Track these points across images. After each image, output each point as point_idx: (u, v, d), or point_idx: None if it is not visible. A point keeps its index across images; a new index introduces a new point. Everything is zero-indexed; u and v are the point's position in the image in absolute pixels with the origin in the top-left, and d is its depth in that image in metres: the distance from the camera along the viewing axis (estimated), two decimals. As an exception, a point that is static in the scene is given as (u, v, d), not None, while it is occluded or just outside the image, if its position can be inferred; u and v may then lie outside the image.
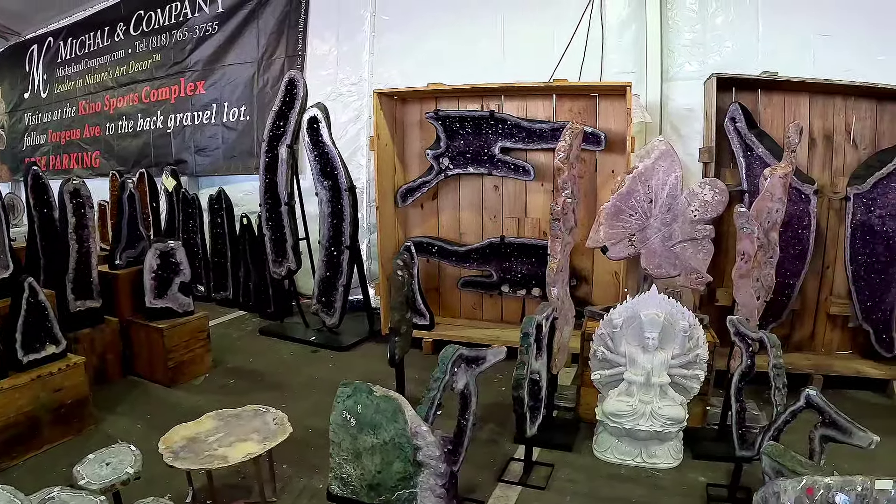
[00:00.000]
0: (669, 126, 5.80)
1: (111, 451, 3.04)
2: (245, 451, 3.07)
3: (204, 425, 3.34)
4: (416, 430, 2.86)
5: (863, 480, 2.22)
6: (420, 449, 2.86)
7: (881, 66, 5.51)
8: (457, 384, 3.10)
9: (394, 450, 2.88)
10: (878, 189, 5.08)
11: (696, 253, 4.30)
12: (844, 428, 2.90)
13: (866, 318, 5.26)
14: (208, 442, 3.16)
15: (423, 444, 2.86)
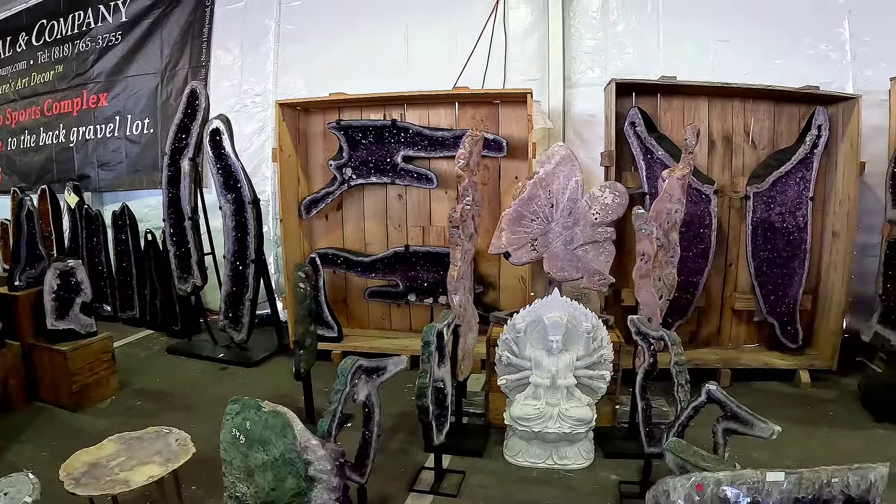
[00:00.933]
0: (572, 131, 5.93)
1: (9, 480, 2.94)
2: (147, 474, 3.01)
3: (106, 450, 3.26)
4: (305, 444, 2.84)
5: (753, 473, 2.28)
6: (311, 463, 2.83)
7: (778, 69, 5.78)
8: (358, 395, 3.11)
9: (285, 466, 2.85)
10: (776, 187, 5.30)
11: (597, 255, 4.39)
12: (746, 420, 2.98)
13: (770, 311, 5.48)
14: (110, 466, 3.08)
15: (313, 459, 2.84)
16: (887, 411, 4.75)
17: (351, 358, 3.10)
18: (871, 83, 5.97)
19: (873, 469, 2.28)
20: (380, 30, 6.42)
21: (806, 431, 4.54)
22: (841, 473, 2.28)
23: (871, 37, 6.09)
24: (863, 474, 2.28)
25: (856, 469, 2.28)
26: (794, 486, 2.26)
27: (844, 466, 2.29)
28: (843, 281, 5.37)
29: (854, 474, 2.27)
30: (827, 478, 2.27)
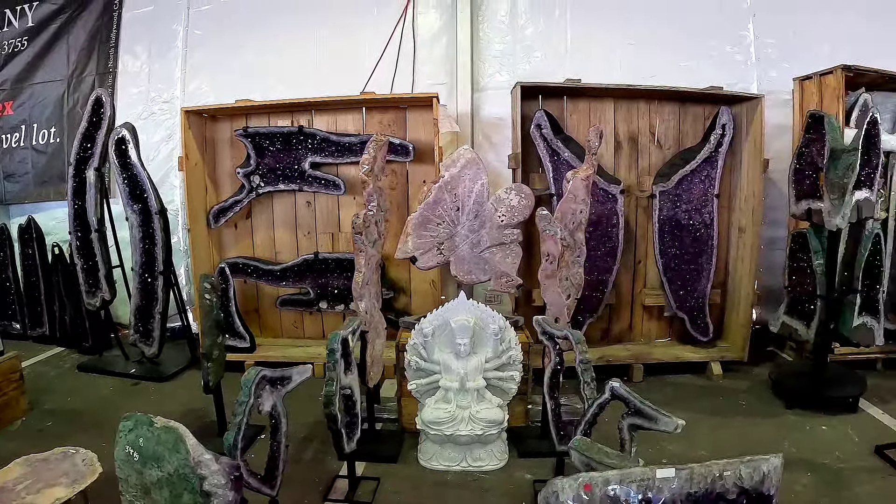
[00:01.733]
0: (481, 135, 6.04)
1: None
2: (53, 496, 2.96)
3: (11, 473, 3.20)
4: (198, 459, 2.82)
5: (643, 471, 2.33)
6: (206, 478, 2.82)
7: (684, 71, 6.02)
8: (263, 406, 3.09)
9: (180, 481, 2.83)
10: (682, 185, 5.48)
11: (504, 257, 4.44)
12: (650, 415, 3.04)
13: (680, 306, 5.67)
14: (16, 490, 3.02)
15: (207, 474, 2.82)
16: (797, 398, 4.97)
17: (254, 369, 3.08)
18: (774, 83, 6.25)
19: (765, 461, 2.36)
20: (289, 35, 6.39)
21: (719, 422, 4.71)
22: (733, 466, 2.34)
23: (775, 38, 6.39)
24: (755, 466, 2.35)
25: (748, 462, 2.35)
26: (685, 481, 2.31)
27: (736, 459, 2.36)
28: (751, 274, 5.57)
29: (746, 467, 2.34)
30: (719, 471, 2.33)
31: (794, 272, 5.21)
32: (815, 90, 5.68)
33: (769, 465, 2.36)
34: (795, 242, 5.18)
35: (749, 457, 2.37)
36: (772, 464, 2.37)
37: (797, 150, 4.98)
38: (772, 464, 2.37)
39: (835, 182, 4.61)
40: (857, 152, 4.54)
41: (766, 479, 2.35)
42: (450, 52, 6.13)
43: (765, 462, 2.36)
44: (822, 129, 4.72)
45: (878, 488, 3.85)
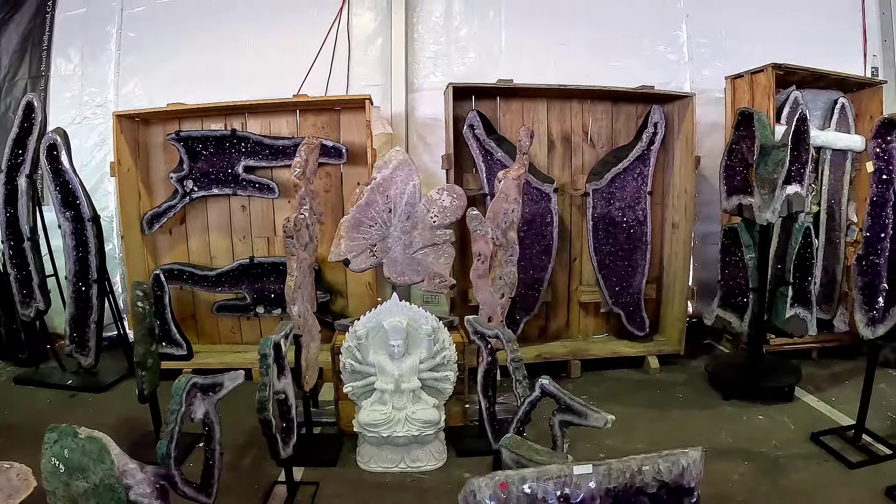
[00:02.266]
0: (416, 136, 6.08)
1: None
2: None
3: None
4: (123, 468, 2.82)
5: (559, 468, 2.33)
6: (131, 488, 2.83)
7: (618, 71, 6.15)
8: (195, 414, 3.07)
9: (106, 492, 2.82)
10: (615, 183, 5.60)
11: (437, 258, 4.48)
12: (579, 411, 3.10)
13: (616, 302, 5.80)
14: None
15: (133, 483, 2.82)
16: (734, 389, 5.12)
17: (185, 376, 3.06)
18: (707, 82, 6.43)
19: (685, 454, 2.39)
20: (224, 37, 6.34)
21: (656, 415, 4.83)
22: (651, 461, 2.37)
23: (708, 38, 6.58)
24: (674, 460, 2.37)
25: (666, 455, 2.38)
26: (603, 476, 2.33)
27: (654, 454, 2.39)
28: (685, 269, 5.73)
29: (665, 461, 2.37)
30: (637, 466, 2.35)
31: (727, 266, 5.35)
32: (747, 88, 5.82)
33: (688, 459, 2.39)
34: (727, 237, 5.31)
35: (667, 451, 2.40)
36: (690, 457, 2.40)
37: (728, 146, 5.12)
38: (690, 457, 2.40)
39: (765, 177, 4.74)
40: (786, 148, 4.66)
41: (686, 472, 2.38)
42: (385, 53, 6.17)
43: (683, 455, 2.39)
44: (751, 125, 4.84)
45: (813, 474, 3.98)
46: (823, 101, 6.10)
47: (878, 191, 3.99)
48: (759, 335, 5.30)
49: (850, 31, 7.36)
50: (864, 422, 4.39)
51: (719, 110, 6.19)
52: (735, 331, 5.55)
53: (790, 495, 3.74)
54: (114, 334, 6.01)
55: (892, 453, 4.23)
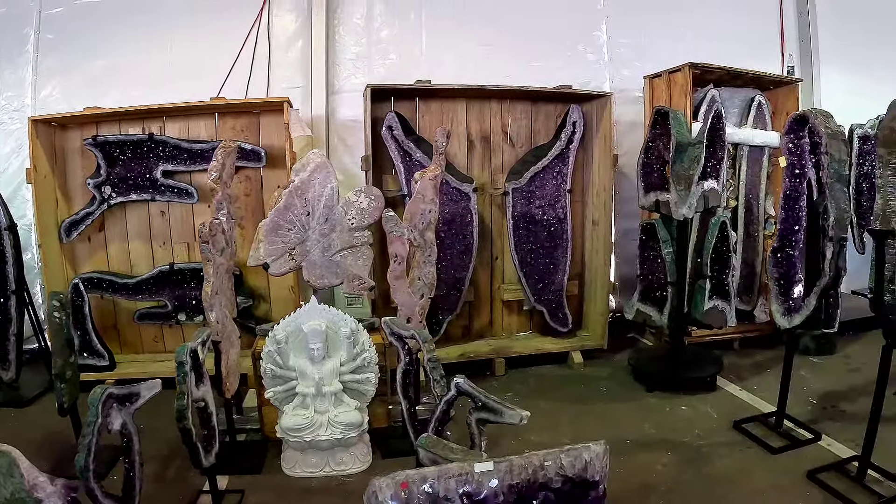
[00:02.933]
0: (337, 137, 6.11)
1: None
2: None
3: None
4: (33, 482, 2.79)
5: (460, 466, 2.36)
6: (42, 501, 2.82)
7: (538, 71, 6.26)
8: (112, 426, 3.06)
9: (17, 506, 2.84)
10: (535, 182, 5.71)
11: (356, 260, 4.50)
12: (495, 409, 3.15)
13: (538, 299, 5.91)
14: None
15: (43, 497, 2.78)
16: (657, 381, 5.28)
17: (100, 387, 3.05)
18: (627, 82, 6.62)
19: (587, 448, 2.45)
20: (144, 38, 6.26)
21: (581, 409, 4.95)
22: (553, 456, 2.42)
23: (628, 38, 6.77)
24: (577, 455, 2.43)
25: (568, 450, 2.44)
26: (505, 473, 2.36)
27: (557, 449, 2.44)
28: (605, 265, 5.89)
29: (567, 455, 2.43)
30: (540, 461, 2.40)
31: (645, 261, 5.52)
32: (665, 87, 6.00)
33: (590, 453, 2.44)
34: (645, 233, 5.48)
35: (570, 445, 2.46)
36: (593, 451, 2.45)
37: (644, 144, 5.27)
38: (593, 451, 2.45)
39: (681, 174, 4.88)
40: (702, 145, 4.83)
41: (590, 466, 2.43)
42: (305, 54, 6.18)
43: (586, 450, 2.44)
44: (668, 123, 5.01)
45: (736, 461, 4.13)
46: (741, 99, 6.32)
47: (790, 185, 4.16)
48: (679, 327, 5.45)
49: (769, 32, 7.66)
50: (785, 408, 4.57)
51: (638, 109, 6.37)
52: (655, 324, 5.71)
53: (713, 483, 3.87)
54: (35, 347, 5.92)
55: (812, 437, 4.41)
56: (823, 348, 6.33)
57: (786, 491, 3.78)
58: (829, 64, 7.92)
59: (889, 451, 4.15)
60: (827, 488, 3.77)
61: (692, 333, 6.04)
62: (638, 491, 3.74)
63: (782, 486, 3.84)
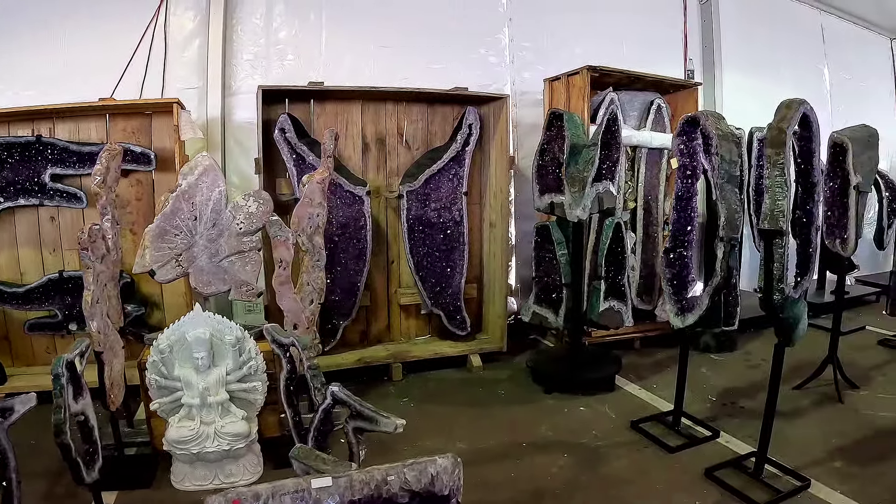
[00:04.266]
0: (233, 140, 6.09)
1: None
2: None
3: None
4: None
5: (296, 483, 2.33)
6: None
7: (439, 73, 6.39)
8: None
9: None
10: (430, 184, 5.84)
11: (244, 265, 4.53)
12: (370, 417, 3.17)
13: (435, 303, 6.02)
14: None
15: None
16: (555, 383, 5.44)
17: None
18: (528, 84, 6.80)
19: (433, 462, 2.43)
20: (35, 36, 6.11)
21: (478, 412, 5.05)
22: (396, 470, 2.40)
23: (530, 42, 6.95)
24: (421, 469, 2.41)
25: (412, 464, 2.41)
26: (345, 489, 2.34)
27: (399, 463, 2.42)
28: (503, 268, 6.04)
29: (411, 470, 2.40)
30: (382, 476, 2.37)
31: (541, 263, 5.70)
32: (563, 90, 6.20)
33: (436, 467, 2.43)
34: (539, 235, 5.66)
35: (413, 459, 2.44)
36: (440, 465, 2.43)
37: (540, 146, 5.44)
38: (440, 465, 2.43)
39: (575, 176, 5.04)
40: (596, 147, 5.00)
41: (437, 480, 2.42)
42: (203, 54, 6.16)
43: (432, 464, 2.43)
44: (563, 125, 5.17)
45: (633, 461, 4.29)
46: (640, 102, 6.55)
47: (682, 185, 4.34)
48: (576, 329, 5.62)
49: (673, 36, 7.93)
50: (682, 406, 4.75)
51: (540, 112, 6.55)
52: (550, 326, 5.86)
53: (609, 484, 4.00)
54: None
55: (710, 435, 4.61)
56: (724, 346, 6.62)
57: (682, 489, 3.94)
58: (732, 68, 8.29)
59: (787, 446, 4.39)
60: (724, 485, 3.93)
61: (592, 334, 6.24)
62: (532, 494, 3.85)
63: (679, 484, 3.99)
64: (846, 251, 5.14)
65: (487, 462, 4.20)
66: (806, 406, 5.23)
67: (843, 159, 5.04)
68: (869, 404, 5.27)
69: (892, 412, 5.10)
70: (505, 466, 4.15)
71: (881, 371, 6.17)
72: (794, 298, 3.84)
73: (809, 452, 4.39)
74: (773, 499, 3.79)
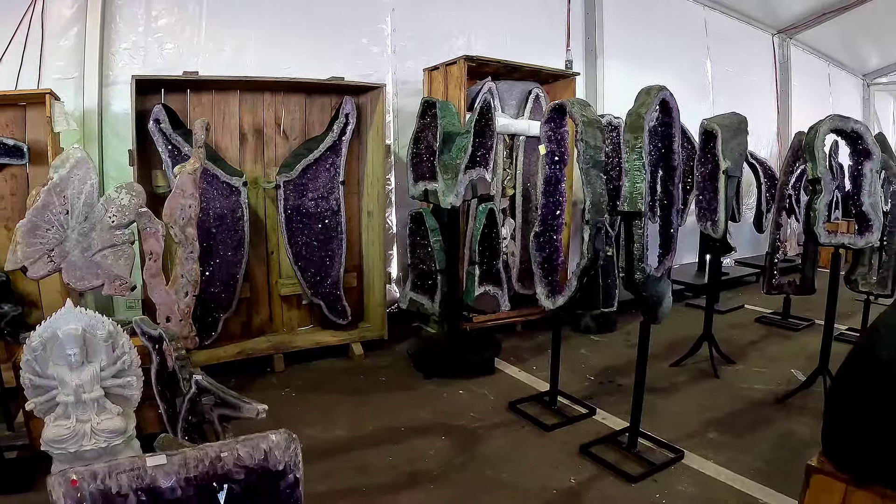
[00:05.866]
0: (110, 131, 6.05)
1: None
2: None
3: None
4: None
5: (132, 461, 2.38)
6: None
7: (319, 63, 6.51)
8: None
9: None
10: (307, 174, 5.96)
11: (117, 259, 4.56)
12: (234, 404, 3.31)
13: (315, 293, 6.16)
14: None
15: None
16: (435, 368, 5.66)
17: None
18: (409, 74, 7.01)
19: (265, 438, 2.51)
20: None
21: (359, 400, 5.21)
22: (229, 447, 2.47)
23: (413, 32, 7.15)
24: (254, 445, 2.49)
25: (244, 441, 2.50)
26: (180, 466, 2.40)
27: (233, 440, 2.51)
28: (381, 256, 6.24)
29: (244, 446, 2.48)
30: (216, 453, 2.44)
31: (416, 250, 5.94)
32: (442, 79, 6.42)
33: (269, 443, 2.51)
34: (414, 222, 5.91)
35: (245, 436, 2.52)
36: (272, 440, 2.52)
37: (414, 134, 5.64)
38: (272, 440, 2.52)
39: (448, 163, 5.27)
40: (469, 135, 5.22)
41: (270, 455, 2.50)
42: (80, 43, 6.10)
43: (263, 440, 2.51)
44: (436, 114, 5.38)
45: (510, 441, 4.52)
46: (519, 92, 6.83)
47: (550, 171, 4.62)
48: (453, 314, 5.86)
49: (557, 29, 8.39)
50: (557, 386, 5.02)
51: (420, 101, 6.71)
52: (428, 312, 6.09)
53: (485, 463, 4.20)
54: None
55: (587, 413, 4.89)
56: (603, 327, 7.03)
57: (558, 466, 4.18)
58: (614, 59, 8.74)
59: (662, 421, 4.73)
60: (598, 460, 4.20)
61: (474, 319, 6.49)
62: (409, 477, 4.02)
63: (555, 461, 4.23)
64: (717, 233, 5.52)
65: (366, 447, 4.36)
66: (683, 382, 5.61)
67: (713, 145, 5.41)
68: (744, 378, 5.69)
69: (765, 385, 5.52)
70: (383, 451, 4.33)
71: (756, 347, 6.68)
72: (657, 277, 4.06)
73: (684, 426, 4.72)
74: (646, 471, 4.06)
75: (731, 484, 3.96)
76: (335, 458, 4.22)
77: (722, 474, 4.07)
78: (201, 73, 5.69)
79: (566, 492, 3.87)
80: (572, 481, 3.98)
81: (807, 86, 13.12)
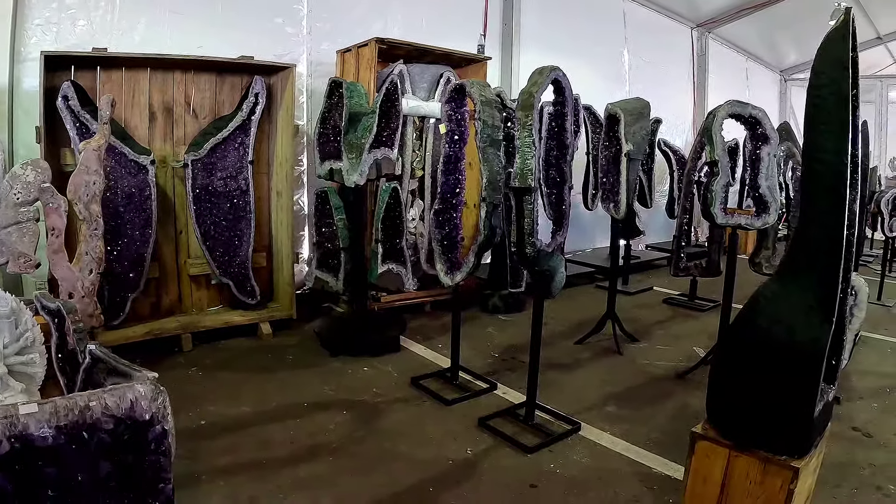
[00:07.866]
0: (21, 109, 5.94)
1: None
2: None
3: None
4: None
5: (5, 409, 2.38)
6: None
7: (234, 43, 6.55)
8: None
9: None
10: (216, 154, 6.08)
11: (21, 236, 4.59)
12: (124, 373, 3.19)
13: (224, 272, 6.28)
14: None
15: None
16: (341, 346, 5.84)
17: None
18: (324, 55, 7.15)
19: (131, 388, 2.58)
20: None
21: (265, 378, 5.36)
22: (97, 396, 2.52)
23: (329, 14, 7.30)
24: (120, 394, 2.55)
25: (111, 390, 2.56)
26: (51, 414, 2.43)
27: (100, 389, 2.57)
28: (289, 236, 6.40)
29: (111, 395, 2.53)
30: (85, 402, 2.48)
31: (321, 228, 6.08)
32: (354, 61, 6.61)
33: (135, 392, 2.58)
34: (319, 200, 6.03)
35: (113, 385, 2.62)
36: (138, 390, 2.59)
37: (321, 114, 5.77)
38: (138, 390, 2.59)
39: (353, 143, 5.45)
40: (374, 115, 5.41)
41: (136, 405, 2.56)
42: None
43: (130, 389, 2.58)
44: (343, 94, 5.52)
45: (410, 415, 4.71)
46: (431, 75, 7.06)
47: (450, 150, 4.79)
48: (358, 292, 6.07)
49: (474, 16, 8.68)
50: (458, 361, 5.25)
51: (335, 82, 6.88)
52: (332, 290, 6.26)
53: (385, 436, 4.38)
54: None
55: (487, 387, 5.13)
56: (511, 307, 7.30)
57: (456, 438, 4.38)
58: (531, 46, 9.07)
59: (562, 395, 5.00)
60: (496, 432, 4.41)
61: (381, 299, 6.71)
62: (309, 449, 4.13)
63: (453, 434, 4.43)
64: (619, 213, 5.83)
65: (269, 422, 4.50)
66: (586, 359, 5.91)
67: (616, 128, 5.69)
68: (646, 355, 6.02)
69: (666, 362, 5.85)
70: (286, 426, 4.49)
71: (662, 326, 7.06)
72: (549, 252, 4.24)
73: (584, 400, 5.00)
74: (542, 442, 4.28)
75: (625, 454, 4.23)
76: (238, 433, 4.35)
77: (617, 445, 4.34)
78: (114, 50, 5.74)
79: (462, 462, 4.04)
80: (469, 452, 4.16)
81: (724, 79, 13.70)
